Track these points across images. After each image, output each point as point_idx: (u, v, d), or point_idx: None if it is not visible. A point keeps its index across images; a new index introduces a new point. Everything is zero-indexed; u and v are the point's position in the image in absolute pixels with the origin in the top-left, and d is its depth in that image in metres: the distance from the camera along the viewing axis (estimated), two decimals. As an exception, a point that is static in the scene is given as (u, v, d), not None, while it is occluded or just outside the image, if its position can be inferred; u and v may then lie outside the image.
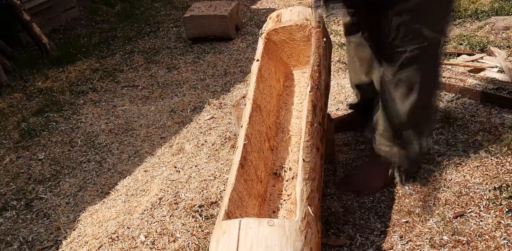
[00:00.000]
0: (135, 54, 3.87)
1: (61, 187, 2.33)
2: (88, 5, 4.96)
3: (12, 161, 2.57)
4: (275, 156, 1.83)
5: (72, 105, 3.13)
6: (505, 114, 2.43)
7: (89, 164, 2.48)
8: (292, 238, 1.21)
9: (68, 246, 1.93)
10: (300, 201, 1.36)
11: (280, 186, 1.70)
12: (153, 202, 2.08)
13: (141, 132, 2.73)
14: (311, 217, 1.33)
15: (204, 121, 2.75)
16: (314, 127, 1.66)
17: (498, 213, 1.83)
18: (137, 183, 2.28)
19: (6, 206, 2.23)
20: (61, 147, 2.66)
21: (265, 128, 1.84)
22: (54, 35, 4.36)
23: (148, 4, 5.08)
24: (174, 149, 2.52)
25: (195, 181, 2.19)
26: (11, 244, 1.99)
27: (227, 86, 3.20)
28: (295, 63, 2.24)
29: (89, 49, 3.97)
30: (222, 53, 3.73)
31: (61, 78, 3.53)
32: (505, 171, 2.04)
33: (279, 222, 1.23)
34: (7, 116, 3.05)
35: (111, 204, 2.16)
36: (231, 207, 1.38)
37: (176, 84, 3.29)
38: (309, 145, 1.58)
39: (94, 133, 2.77)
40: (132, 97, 3.17)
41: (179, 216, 1.97)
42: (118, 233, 1.93)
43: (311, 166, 1.51)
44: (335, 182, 2.10)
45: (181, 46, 3.96)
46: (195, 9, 3.98)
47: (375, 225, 1.85)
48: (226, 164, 2.29)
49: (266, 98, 1.98)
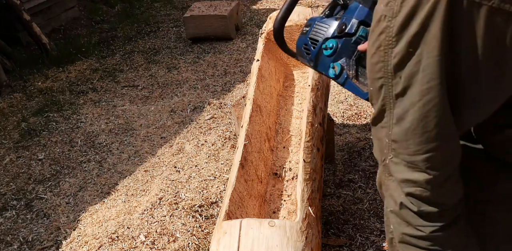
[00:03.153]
0: (135, 54, 3.87)
1: (61, 187, 2.33)
2: (88, 5, 4.95)
3: (12, 161, 2.57)
4: (275, 156, 1.83)
5: (72, 105, 3.12)
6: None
7: (89, 164, 2.48)
8: (293, 239, 1.21)
9: (68, 246, 1.93)
10: (301, 201, 1.36)
11: (280, 186, 1.70)
12: (153, 202, 2.08)
13: (141, 132, 2.73)
14: (311, 218, 1.33)
15: (204, 121, 2.75)
16: (315, 127, 1.66)
17: (498, 213, 1.83)
18: (137, 183, 2.28)
19: (6, 206, 2.23)
20: (61, 147, 2.66)
21: (265, 128, 1.84)
22: (54, 35, 4.36)
23: (148, 4, 5.08)
24: (174, 148, 2.52)
25: (195, 181, 2.19)
26: (11, 244, 1.99)
27: (227, 86, 3.20)
28: (295, 63, 2.24)
29: (89, 49, 3.97)
30: (222, 53, 3.73)
31: (61, 78, 3.53)
32: (505, 171, 2.04)
33: (280, 223, 1.23)
34: (7, 116, 3.04)
35: (111, 204, 2.16)
36: (232, 207, 1.38)
37: (176, 84, 3.28)
38: (309, 145, 1.58)
39: (94, 132, 2.77)
40: (132, 97, 3.17)
41: (179, 216, 1.97)
42: (118, 233, 1.93)
43: (311, 166, 1.51)
44: (335, 182, 2.10)
45: (181, 46, 3.96)
46: (195, 9, 3.98)
47: (375, 225, 1.85)
48: (226, 164, 2.29)
49: (266, 99, 1.98)
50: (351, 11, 1.29)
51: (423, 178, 0.93)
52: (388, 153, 0.99)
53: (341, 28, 1.29)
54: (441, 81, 0.83)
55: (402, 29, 0.83)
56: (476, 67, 0.83)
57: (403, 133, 0.92)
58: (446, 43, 0.80)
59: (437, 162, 0.92)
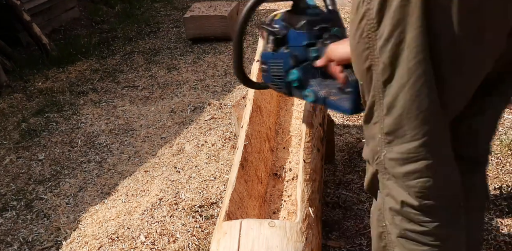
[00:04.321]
0: (135, 54, 3.87)
1: (61, 187, 2.33)
2: (88, 5, 4.96)
3: (12, 161, 2.57)
4: (276, 156, 1.83)
5: (72, 105, 3.12)
6: (505, 114, 2.43)
7: (89, 164, 2.48)
8: (293, 239, 1.21)
9: (68, 246, 1.93)
10: (301, 202, 1.36)
11: (280, 187, 1.70)
12: (153, 202, 2.08)
13: (141, 132, 2.73)
14: (312, 218, 1.33)
15: (204, 122, 2.75)
16: (315, 128, 1.66)
17: (498, 213, 1.83)
18: (137, 183, 2.28)
19: (6, 206, 2.23)
20: (61, 147, 2.66)
21: (265, 128, 1.84)
22: (54, 36, 4.36)
23: (148, 5, 5.08)
24: (174, 149, 2.52)
25: (195, 181, 2.19)
26: (11, 244, 1.99)
27: (227, 86, 3.20)
28: (296, 63, 2.23)
29: (89, 50, 3.97)
30: (222, 53, 3.73)
31: (61, 78, 3.53)
32: (505, 171, 2.04)
33: (280, 223, 1.23)
34: (7, 116, 3.04)
35: (111, 204, 2.16)
36: (232, 207, 1.38)
37: (176, 85, 3.29)
38: (309, 146, 1.58)
39: (94, 133, 2.77)
40: (132, 97, 3.17)
41: (179, 216, 1.97)
42: (118, 233, 1.93)
43: (311, 167, 1.51)
44: (335, 182, 2.10)
45: (181, 46, 3.97)
46: (195, 9, 3.98)
47: (376, 226, 1.85)
48: (226, 164, 2.29)
49: (267, 99, 1.98)
50: (293, 38, 1.34)
51: (423, 165, 0.91)
52: (381, 149, 0.96)
53: (294, 58, 1.34)
54: (425, 55, 0.82)
55: (383, 6, 0.82)
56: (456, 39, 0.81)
57: (396, 121, 0.90)
58: (427, 14, 0.79)
59: (436, 143, 0.90)
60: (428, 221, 0.97)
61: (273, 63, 1.42)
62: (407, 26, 0.81)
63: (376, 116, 0.94)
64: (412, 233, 1.00)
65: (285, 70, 1.38)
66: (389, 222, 1.04)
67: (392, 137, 0.93)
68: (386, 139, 0.94)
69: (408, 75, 0.84)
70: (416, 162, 0.92)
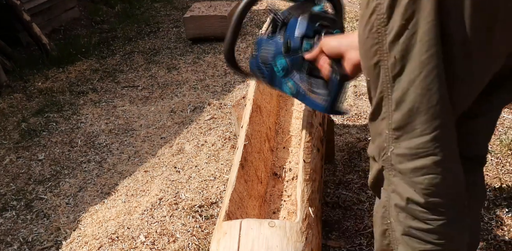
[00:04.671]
0: (135, 54, 3.87)
1: (61, 187, 2.33)
2: (88, 5, 4.96)
3: (12, 161, 2.57)
4: (275, 156, 1.83)
5: (72, 105, 3.12)
6: (505, 114, 2.43)
7: (89, 164, 2.48)
8: (293, 239, 1.21)
9: (68, 246, 1.93)
10: (301, 202, 1.36)
11: (280, 187, 1.70)
12: (153, 202, 2.08)
13: (141, 132, 2.73)
14: (312, 218, 1.33)
15: (204, 122, 2.75)
16: (315, 128, 1.66)
17: (498, 213, 1.83)
18: (137, 183, 2.28)
19: (6, 206, 2.23)
20: (61, 147, 2.66)
21: (265, 128, 1.84)
22: (54, 36, 4.36)
23: (148, 5, 5.08)
24: (174, 149, 2.52)
25: (195, 181, 2.19)
26: (11, 244, 1.99)
27: (227, 86, 3.20)
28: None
29: (89, 50, 3.97)
30: (222, 53, 3.73)
31: (61, 78, 3.53)
32: (505, 171, 2.04)
33: (280, 223, 1.23)
34: (7, 116, 3.04)
35: (111, 204, 2.16)
36: (232, 207, 1.38)
37: (176, 85, 3.28)
38: (309, 145, 1.58)
39: (94, 133, 2.77)
40: (132, 97, 3.17)
41: (179, 216, 1.97)
42: (118, 233, 1.93)
43: (311, 166, 1.51)
44: (335, 182, 2.10)
45: (181, 46, 3.96)
46: (195, 9, 3.98)
47: (375, 226, 1.85)
48: (226, 164, 2.29)
49: (266, 99, 1.98)
50: (292, 27, 1.33)
51: (432, 161, 0.90)
52: (389, 145, 0.95)
53: (286, 46, 1.33)
54: (438, 49, 0.81)
55: (394, 1, 0.81)
56: (468, 35, 0.81)
57: (405, 116, 0.89)
58: (439, 8, 0.79)
59: (445, 139, 0.89)
60: (433, 219, 0.96)
61: (264, 48, 1.41)
62: (420, 20, 0.80)
63: (384, 112, 0.93)
64: (417, 230, 0.99)
65: (274, 56, 1.37)
66: (394, 219, 1.04)
67: (401, 132, 0.92)
68: (394, 135, 0.93)
69: (419, 69, 0.84)
70: (425, 158, 0.90)
